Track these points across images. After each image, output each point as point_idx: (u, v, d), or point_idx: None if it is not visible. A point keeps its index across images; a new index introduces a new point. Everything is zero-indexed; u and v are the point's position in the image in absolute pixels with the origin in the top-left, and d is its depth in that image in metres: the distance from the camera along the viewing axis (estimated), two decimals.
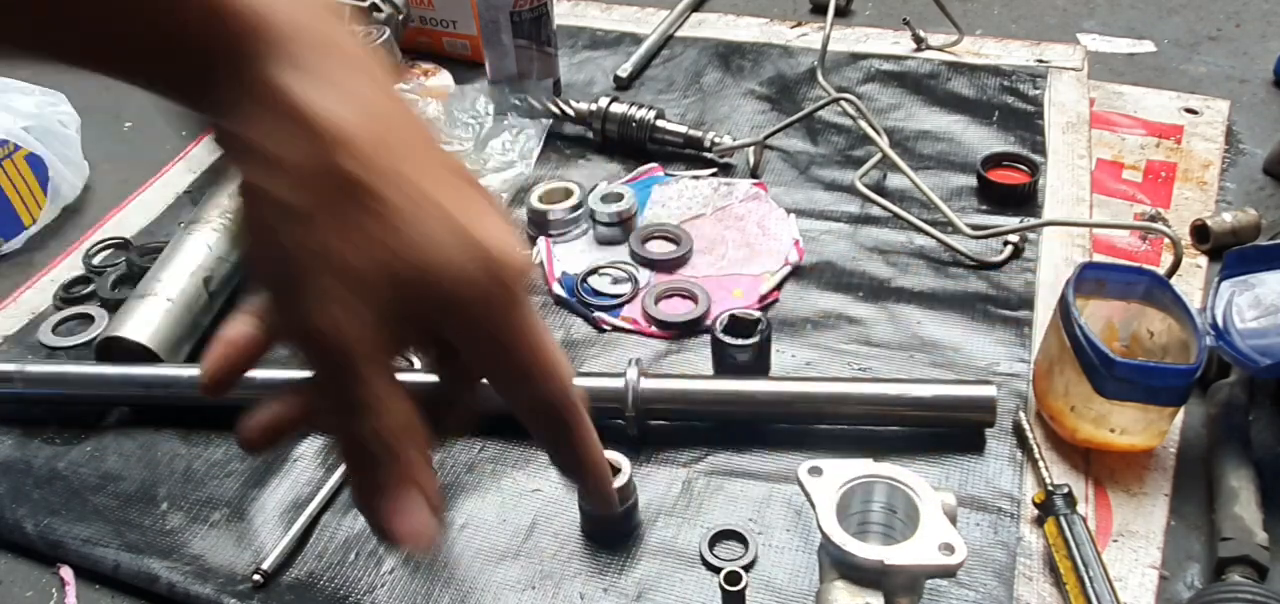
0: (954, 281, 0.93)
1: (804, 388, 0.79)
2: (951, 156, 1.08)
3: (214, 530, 0.76)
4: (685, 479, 0.77)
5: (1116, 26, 1.32)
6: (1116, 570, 0.68)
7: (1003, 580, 0.68)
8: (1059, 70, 1.19)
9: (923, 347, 0.86)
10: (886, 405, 0.77)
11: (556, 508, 0.75)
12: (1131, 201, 1.02)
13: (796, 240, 0.97)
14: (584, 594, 0.70)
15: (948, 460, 0.76)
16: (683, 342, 0.89)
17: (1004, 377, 0.82)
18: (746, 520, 0.73)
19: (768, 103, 1.20)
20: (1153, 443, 0.75)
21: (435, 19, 1.31)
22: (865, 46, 1.27)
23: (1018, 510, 0.72)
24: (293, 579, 0.72)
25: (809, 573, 0.70)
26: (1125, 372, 0.70)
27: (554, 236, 1.01)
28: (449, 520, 0.75)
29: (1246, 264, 0.77)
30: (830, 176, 1.07)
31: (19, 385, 0.86)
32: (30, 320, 0.98)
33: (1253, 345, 0.72)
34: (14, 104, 1.12)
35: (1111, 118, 1.13)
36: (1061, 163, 1.05)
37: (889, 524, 0.65)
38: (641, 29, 1.35)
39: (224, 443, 0.83)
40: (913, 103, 1.17)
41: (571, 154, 1.15)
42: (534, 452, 0.80)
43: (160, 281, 0.90)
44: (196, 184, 1.16)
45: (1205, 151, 1.07)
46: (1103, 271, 0.78)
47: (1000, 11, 1.38)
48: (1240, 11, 1.33)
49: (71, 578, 0.75)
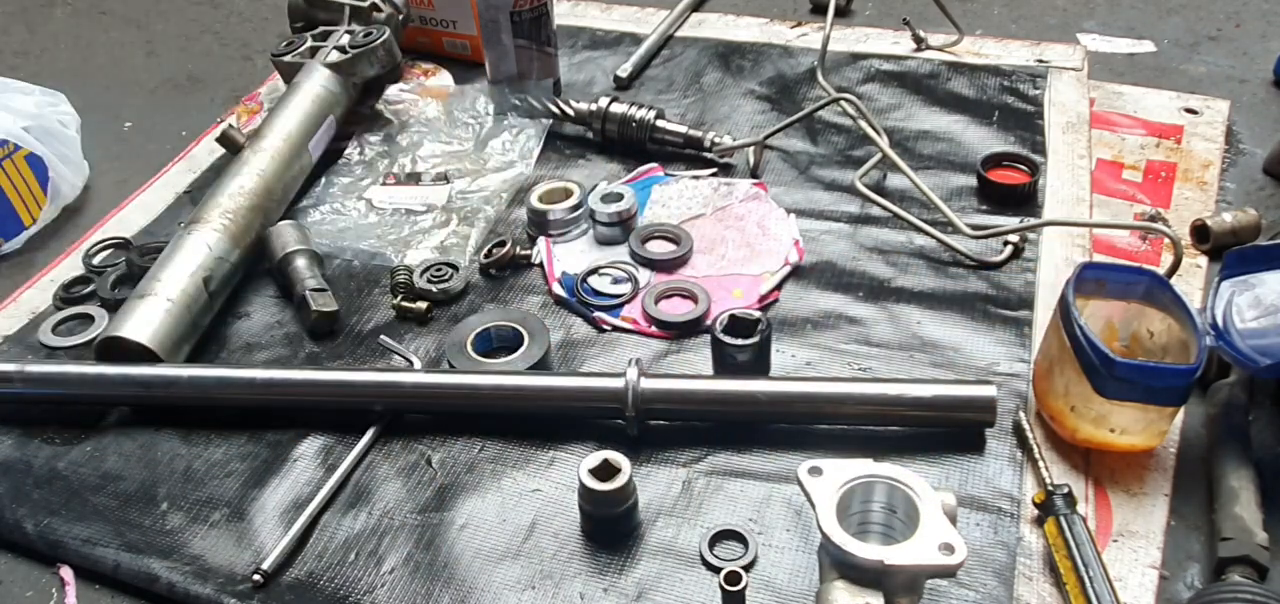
0: (954, 281, 0.93)
1: (804, 388, 0.79)
2: (951, 156, 1.08)
3: (214, 530, 0.76)
4: (685, 479, 0.77)
5: (1116, 26, 1.32)
6: (1116, 570, 0.68)
7: (1003, 580, 0.68)
8: (1059, 70, 1.19)
9: (923, 347, 0.86)
10: (886, 405, 0.77)
11: (556, 508, 0.75)
12: (1131, 201, 1.02)
13: (796, 240, 0.97)
14: (584, 594, 0.70)
15: (948, 460, 0.76)
16: (683, 342, 0.89)
17: (1004, 377, 0.82)
18: (746, 520, 0.73)
19: (768, 103, 1.20)
20: (1153, 443, 0.75)
21: (435, 19, 1.31)
22: (865, 46, 1.27)
23: (1018, 510, 0.72)
24: (293, 579, 0.72)
25: (809, 573, 0.69)
26: (1125, 372, 0.70)
27: (554, 237, 1.01)
28: (449, 520, 0.75)
29: (1246, 264, 0.77)
30: (830, 176, 1.07)
31: (19, 385, 0.86)
32: (30, 320, 0.98)
33: (1253, 345, 0.72)
34: (14, 104, 1.12)
35: (1111, 118, 1.13)
36: (1061, 163, 1.05)
37: (889, 524, 0.65)
38: (641, 29, 1.35)
39: (224, 443, 0.83)
40: (913, 103, 1.17)
41: (571, 154, 1.15)
42: (534, 451, 0.80)
43: (160, 281, 0.90)
44: (196, 184, 1.16)
45: (1205, 151, 1.07)
46: (1103, 271, 0.78)
47: (1000, 11, 1.38)
48: (1240, 11, 1.33)
49: (71, 578, 0.75)
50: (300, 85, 1.11)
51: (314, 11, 1.26)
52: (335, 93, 1.13)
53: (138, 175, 1.18)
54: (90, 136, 1.20)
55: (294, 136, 1.07)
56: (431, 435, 0.82)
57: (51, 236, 1.12)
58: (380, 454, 0.81)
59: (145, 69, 1.42)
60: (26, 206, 1.10)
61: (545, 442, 0.80)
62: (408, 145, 1.14)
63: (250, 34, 1.48)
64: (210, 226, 0.95)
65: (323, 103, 1.11)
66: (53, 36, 1.51)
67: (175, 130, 1.27)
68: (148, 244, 1.02)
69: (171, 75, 1.40)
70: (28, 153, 1.09)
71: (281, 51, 1.19)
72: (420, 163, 1.12)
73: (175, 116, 1.30)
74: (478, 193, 1.08)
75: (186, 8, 1.56)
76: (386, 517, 0.76)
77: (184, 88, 1.37)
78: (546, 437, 0.80)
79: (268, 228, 1.00)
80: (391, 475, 0.79)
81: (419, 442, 0.81)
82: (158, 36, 1.49)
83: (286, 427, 0.83)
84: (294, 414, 0.84)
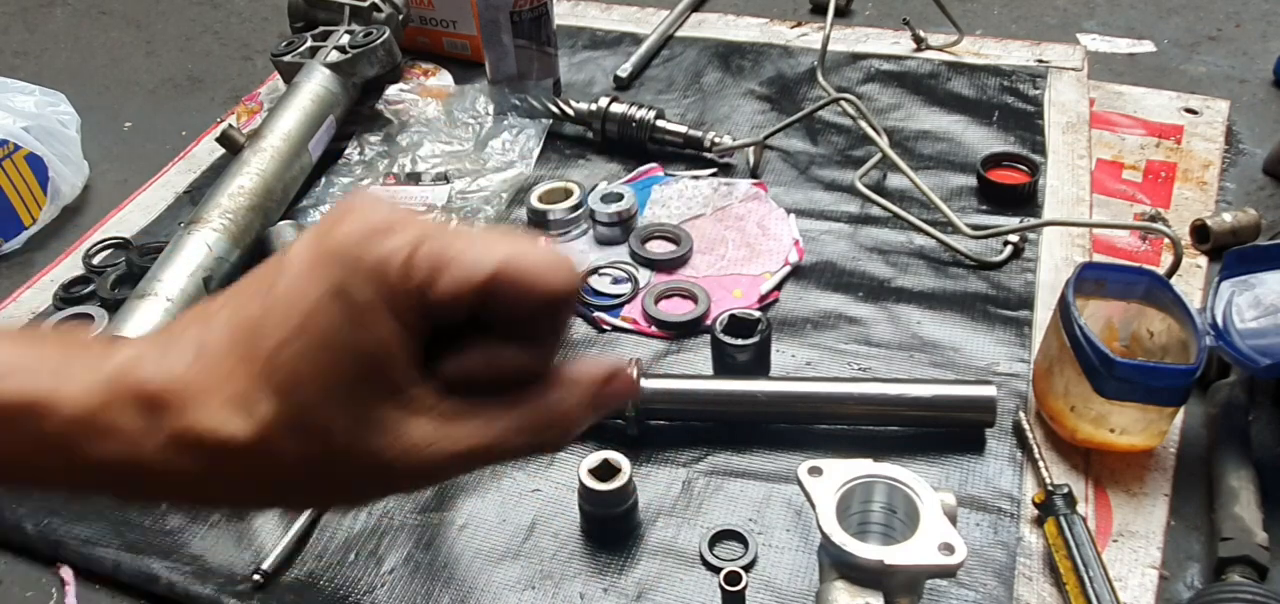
0: (954, 281, 0.93)
1: (804, 388, 0.79)
2: (951, 156, 1.08)
3: (214, 530, 0.76)
4: (685, 479, 0.77)
5: (1116, 26, 1.32)
6: (1116, 570, 0.68)
7: (1003, 580, 0.68)
8: (1059, 70, 1.19)
9: (923, 347, 0.86)
10: (886, 405, 0.77)
11: (556, 508, 0.75)
12: (1131, 201, 1.02)
13: (796, 240, 0.97)
14: (584, 594, 0.70)
15: (948, 460, 0.76)
16: (683, 342, 0.89)
17: (1004, 377, 0.82)
18: (746, 520, 0.73)
19: (768, 103, 1.20)
20: (1153, 443, 0.75)
21: (435, 19, 1.31)
22: (865, 46, 1.27)
23: (1018, 510, 0.72)
24: (293, 579, 0.72)
25: (809, 573, 0.69)
26: (1125, 372, 0.70)
27: (554, 236, 1.01)
28: (449, 520, 0.75)
29: (1246, 264, 0.77)
30: (830, 176, 1.07)
31: None
32: (30, 320, 0.98)
33: (1253, 345, 0.72)
34: (14, 104, 1.12)
35: (1111, 118, 1.13)
36: (1061, 163, 1.05)
37: (889, 524, 0.65)
38: (641, 29, 1.35)
39: None
40: (913, 103, 1.17)
41: (571, 154, 1.15)
42: None
43: (160, 281, 0.90)
44: (196, 184, 1.16)
45: (1205, 151, 1.07)
46: (1103, 271, 0.78)
47: (1000, 11, 1.38)
48: (1240, 11, 1.33)
49: (71, 578, 0.75)
50: (300, 85, 1.11)
51: (314, 11, 1.26)
52: (335, 93, 1.13)
53: (138, 175, 1.18)
54: (90, 136, 1.20)
55: (294, 136, 1.07)
56: None
57: (51, 237, 1.12)
58: None
59: (145, 69, 1.42)
60: (26, 206, 1.10)
61: None
62: (408, 145, 1.14)
63: (250, 34, 1.48)
64: (210, 226, 0.95)
65: (323, 103, 1.11)
66: (53, 36, 1.51)
67: (175, 130, 1.27)
68: (148, 244, 1.02)
69: (171, 75, 1.40)
70: (28, 153, 1.09)
71: (281, 51, 1.19)
72: (420, 163, 1.12)
73: (175, 116, 1.30)
74: (477, 193, 1.08)
75: (186, 8, 1.56)
76: (386, 517, 0.76)
77: (184, 88, 1.37)
78: None
79: (268, 228, 1.00)
80: None
81: None
82: (158, 36, 1.49)
83: None
84: None
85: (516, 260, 0.36)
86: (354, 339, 0.35)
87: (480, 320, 0.37)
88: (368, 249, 0.35)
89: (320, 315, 0.35)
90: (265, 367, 0.35)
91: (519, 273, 0.36)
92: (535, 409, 0.39)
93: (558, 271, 0.37)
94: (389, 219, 0.36)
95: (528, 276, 0.36)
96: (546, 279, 0.36)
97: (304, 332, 0.35)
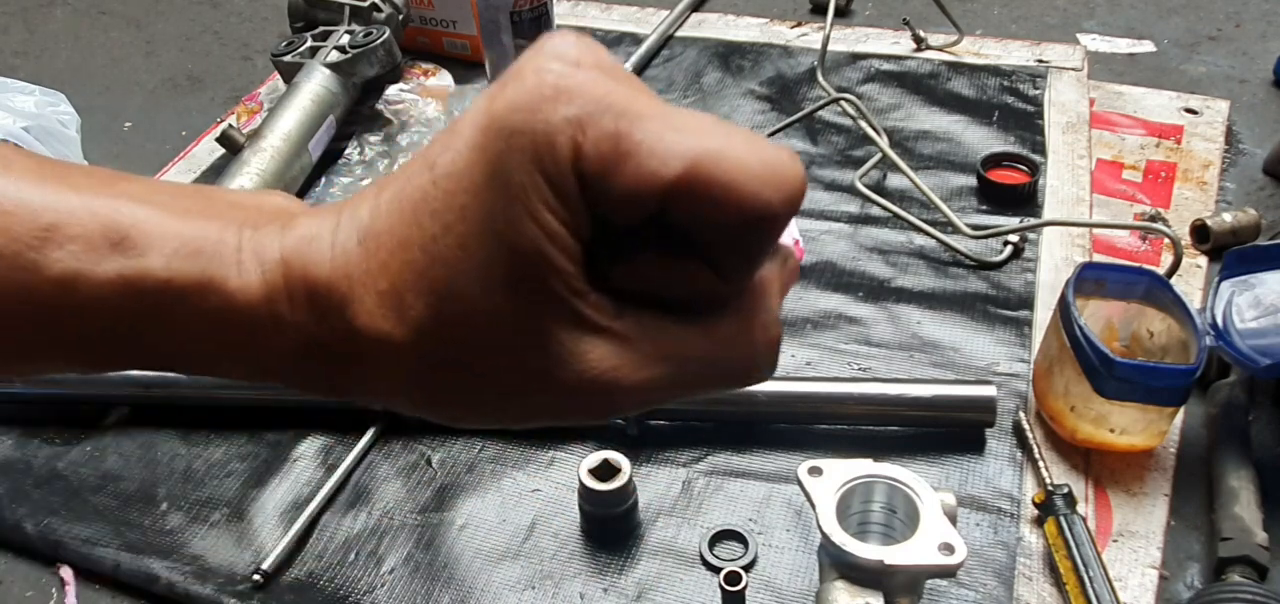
0: (954, 281, 0.93)
1: (804, 388, 0.79)
2: (951, 156, 1.08)
3: (214, 530, 0.76)
4: (685, 479, 0.77)
5: (1116, 26, 1.32)
6: (1116, 570, 0.68)
7: (1003, 580, 0.68)
8: (1059, 70, 1.19)
9: (923, 347, 0.86)
10: (886, 405, 0.77)
11: (556, 508, 0.75)
12: (1131, 201, 1.02)
13: (796, 240, 0.97)
14: (584, 594, 0.70)
15: (948, 460, 0.76)
16: None
17: (1004, 377, 0.82)
18: (746, 520, 0.73)
19: (768, 103, 1.20)
20: (1153, 443, 0.75)
21: (435, 19, 1.31)
22: (865, 46, 1.27)
23: (1018, 510, 0.72)
24: (293, 579, 0.72)
25: (809, 573, 0.69)
26: (1125, 372, 0.70)
27: None
28: (449, 520, 0.75)
29: (1246, 264, 0.77)
30: (830, 176, 1.07)
31: (19, 385, 0.86)
32: None
33: (1253, 345, 0.72)
34: (14, 104, 1.12)
35: (1111, 118, 1.13)
36: (1061, 163, 1.05)
37: (889, 524, 0.65)
38: (641, 29, 1.35)
39: (224, 443, 0.83)
40: (913, 103, 1.17)
41: None
42: (534, 451, 0.80)
43: None
44: (196, 184, 1.16)
45: (1205, 151, 1.07)
46: (1103, 271, 0.78)
47: (1000, 11, 1.38)
48: (1240, 11, 1.33)
49: (71, 578, 0.75)
50: (300, 85, 1.11)
51: (314, 11, 1.26)
52: (335, 93, 1.13)
53: (138, 175, 1.18)
54: (90, 137, 1.20)
55: (294, 136, 1.07)
56: (431, 435, 0.82)
57: None
58: (380, 454, 0.81)
59: (145, 69, 1.42)
60: None
61: (545, 442, 0.80)
62: (408, 145, 1.14)
63: (250, 34, 1.48)
64: None
65: (323, 103, 1.11)
66: (53, 36, 1.51)
67: (175, 130, 1.27)
68: None
69: (171, 75, 1.40)
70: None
71: (281, 51, 1.19)
72: None
73: (175, 116, 1.30)
74: None
75: (186, 8, 1.56)
76: (386, 517, 0.76)
77: (184, 88, 1.37)
78: (546, 437, 0.80)
79: None
80: (391, 475, 0.79)
81: (419, 442, 0.81)
82: (158, 36, 1.49)
83: (286, 427, 0.83)
84: (294, 414, 0.84)
85: (719, 159, 0.28)
86: (511, 233, 0.29)
87: (661, 223, 0.29)
88: (532, 120, 0.28)
89: (477, 200, 0.29)
90: (422, 257, 0.30)
91: (720, 177, 0.28)
92: (730, 339, 0.32)
93: (771, 180, 0.28)
94: (564, 80, 0.28)
95: (732, 184, 0.28)
96: (754, 191, 0.28)
97: (463, 218, 0.29)
